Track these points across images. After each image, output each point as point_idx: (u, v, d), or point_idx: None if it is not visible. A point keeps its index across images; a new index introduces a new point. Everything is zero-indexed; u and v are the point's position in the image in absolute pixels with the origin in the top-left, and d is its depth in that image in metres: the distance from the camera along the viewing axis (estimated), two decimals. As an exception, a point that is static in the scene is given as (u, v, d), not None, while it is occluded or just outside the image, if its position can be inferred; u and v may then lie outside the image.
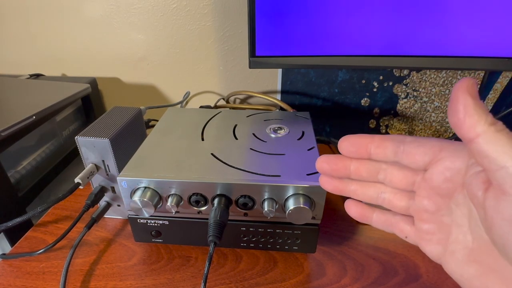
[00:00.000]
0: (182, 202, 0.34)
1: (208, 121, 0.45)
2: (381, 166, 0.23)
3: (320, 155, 0.37)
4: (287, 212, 0.32)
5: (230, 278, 0.36)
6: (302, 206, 0.31)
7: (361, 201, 0.26)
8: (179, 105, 0.67)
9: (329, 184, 0.25)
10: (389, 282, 0.35)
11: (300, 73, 0.63)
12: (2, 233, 0.43)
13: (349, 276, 0.36)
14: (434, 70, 0.59)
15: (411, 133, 0.67)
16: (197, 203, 0.34)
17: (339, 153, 0.24)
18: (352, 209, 0.26)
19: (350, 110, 0.65)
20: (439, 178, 0.20)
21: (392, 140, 0.22)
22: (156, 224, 0.36)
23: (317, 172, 0.34)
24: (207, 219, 0.32)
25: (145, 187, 0.33)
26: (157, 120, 0.51)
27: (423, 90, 0.62)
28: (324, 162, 0.25)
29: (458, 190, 0.20)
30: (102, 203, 0.42)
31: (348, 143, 0.23)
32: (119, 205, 0.42)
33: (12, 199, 0.45)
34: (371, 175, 0.24)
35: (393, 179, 0.23)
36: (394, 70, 0.60)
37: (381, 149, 0.22)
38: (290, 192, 0.32)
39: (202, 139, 0.40)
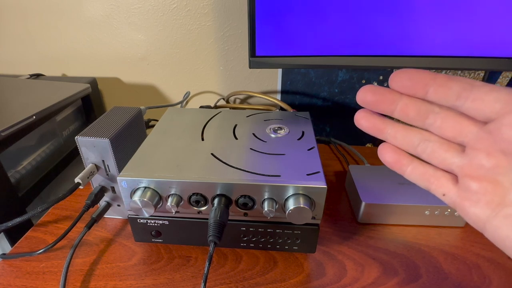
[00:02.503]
0: (182, 202, 0.34)
1: (208, 121, 0.45)
2: (433, 108, 0.20)
3: (320, 155, 0.37)
4: (287, 212, 0.32)
5: (230, 278, 0.36)
6: (302, 206, 0.31)
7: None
8: (179, 105, 0.67)
9: (366, 120, 0.22)
10: (389, 282, 0.35)
11: (300, 73, 0.63)
12: (2, 233, 0.43)
13: (349, 276, 0.36)
14: (434, 70, 0.59)
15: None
16: (197, 203, 0.34)
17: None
18: (388, 154, 0.23)
19: (350, 110, 0.65)
20: (510, 130, 0.18)
21: (458, 81, 0.19)
22: (156, 224, 0.36)
23: (317, 172, 0.34)
24: (207, 219, 0.32)
25: (145, 187, 0.33)
26: (157, 120, 0.51)
27: (423, 90, 0.62)
28: (369, 91, 0.21)
29: None
30: (102, 203, 0.42)
31: (405, 75, 0.20)
32: (119, 205, 0.43)
33: (12, 199, 0.45)
34: (419, 117, 0.21)
35: (444, 126, 0.20)
36: (394, 70, 0.60)
37: (444, 88, 0.19)
38: (290, 192, 0.32)
39: (202, 139, 0.40)
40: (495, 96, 0.18)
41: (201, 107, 0.63)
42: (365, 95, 0.22)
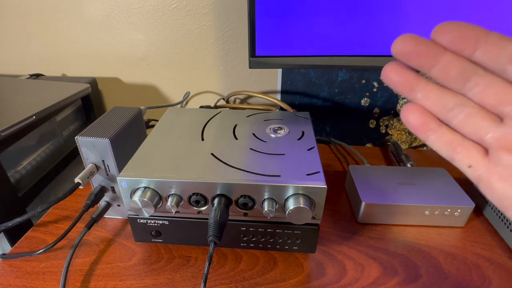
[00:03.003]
0: (182, 202, 0.34)
1: (208, 121, 0.45)
2: (478, 70, 0.18)
3: (320, 155, 0.37)
4: (287, 212, 0.32)
5: (230, 278, 0.36)
6: (302, 206, 0.31)
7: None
8: (179, 105, 0.67)
9: (398, 74, 0.20)
10: (389, 282, 0.35)
11: (300, 73, 0.63)
12: (2, 233, 0.43)
13: (349, 276, 0.36)
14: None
15: (410, 133, 0.67)
16: (197, 203, 0.34)
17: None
18: (414, 115, 0.20)
19: (350, 110, 0.65)
20: None
21: None
22: (156, 224, 0.36)
23: (317, 172, 0.34)
24: (207, 219, 0.32)
25: (145, 187, 0.33)
26: (157, 120, 0.51)
27: (423, 90, 0.62)
28: (411, 39, 0.19)
29: None
30: (102, 203, 0.42)
31: (455, 27, 0.18)
32: (119, 205, 0.43)
33: (12, 199, 0.45)
34: (461, 77, 0.18)
35: (487, 91, 0.18)
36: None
37: (496, 48, 0.17)
38: (290, 192, 0.32)
39: (202, 139, 0.40)
40: None
41: (201, 107, 0.63)
42: (406, 43, 0.19)
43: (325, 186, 0.32)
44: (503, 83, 0.18)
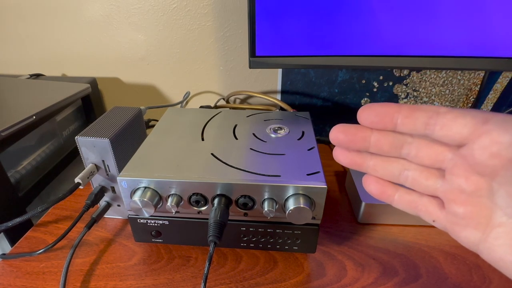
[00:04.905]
0: (182, 202, 0.34)
1: (208, 121, 0.45)
2: (406, 139, 0.21)
3: (320, 155, 0.37)
4: (287, 212, 0.32)
5: (230, 278, 0.36)
6: (302, 206, 0.31)
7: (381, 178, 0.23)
8: (179, 105, 0.67)
9: (344, 157, 0.23)
10: (389, 282, 0.35)
11: (300, 73, 0.63)
12: (2, 233, 0.43)
13: (349, 276, 0.36)
14: (434, 70, 0.59)
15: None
16: (197, 203, 0.34)
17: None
18: (372, 185, 0.23)
19: (350, 110, 0.65)
20: (483, 154, 0.18)
21: (423, 110, 0.19)
22: (156, 224, 0.36)
23: (317, 172, 0.34)
24: (207, 219, 0.32)
25: (145, 187, 0.33)
26: (157, 120, 0.51)
27: (423, 90, 0.62)
28: (340, 132, 0.22)
29: (506, 166, 0.17)
30: (102, 203, 0.42)
31: (371, 111, 0.20)
32: (119, 205, 0.43)
33: (12, 199, 0.45)
34: (394, 149, 0.21)
35: (420, 154, 0.21)
36: (394, 70, 0.60)
37: (410, 119, 0.20)
38: (290, 192, 0.32)
39: (202, 139, 0.40)
40: (461, 122, 0.18)
41: (201, 107, 0.63)
42: (337, 136, 0.22)
43: (325, 186, 0.32)
44: (430, 144, 0.20)
